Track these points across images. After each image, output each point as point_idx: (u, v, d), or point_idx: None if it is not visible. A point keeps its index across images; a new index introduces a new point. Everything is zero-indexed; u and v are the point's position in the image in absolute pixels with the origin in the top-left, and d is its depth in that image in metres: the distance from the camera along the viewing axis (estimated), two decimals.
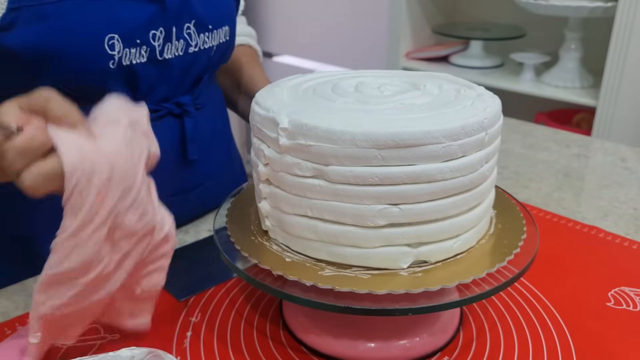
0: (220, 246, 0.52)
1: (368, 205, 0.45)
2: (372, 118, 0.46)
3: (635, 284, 0.63)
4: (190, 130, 0.71)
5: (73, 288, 0.45)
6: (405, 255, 0.47)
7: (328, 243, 0.48)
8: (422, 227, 0.47)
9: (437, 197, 0.46)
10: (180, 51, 0.68)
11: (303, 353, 0.53)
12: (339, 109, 0.48)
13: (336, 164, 0.45)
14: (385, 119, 0.45)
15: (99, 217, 0.43)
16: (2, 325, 0.57)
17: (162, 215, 0.50)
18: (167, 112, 0.69)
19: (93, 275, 0.45)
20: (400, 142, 0.43)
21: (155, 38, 0.64)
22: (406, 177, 0.44)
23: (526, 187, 0.88)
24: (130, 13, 0.62)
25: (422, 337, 0.53)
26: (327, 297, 0.46)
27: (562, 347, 0.54)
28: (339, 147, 0.44)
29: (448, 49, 2.01)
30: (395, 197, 0.45)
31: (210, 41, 0.71)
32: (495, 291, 0.47)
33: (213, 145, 0.77)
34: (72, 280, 0.45)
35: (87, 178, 0.42)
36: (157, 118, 0.68)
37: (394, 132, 0.43)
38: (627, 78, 1.51)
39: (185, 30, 0.67)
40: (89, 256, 0.44)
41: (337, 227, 0.47)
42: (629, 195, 0.85)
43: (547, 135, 1.10)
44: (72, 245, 0.43)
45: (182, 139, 0.71)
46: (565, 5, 1.58)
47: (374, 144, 0.43)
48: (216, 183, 0.78)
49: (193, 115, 0.71)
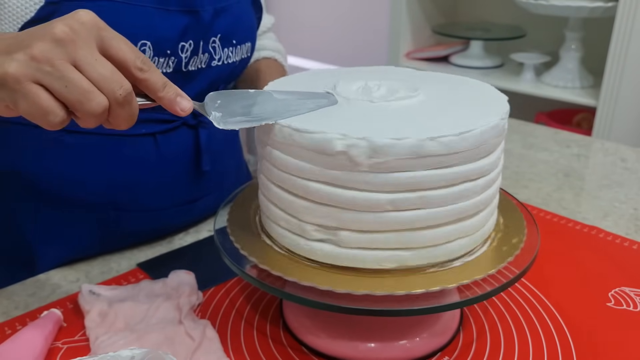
0: (220, 246, 0.52)
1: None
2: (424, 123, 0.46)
3: (636, 284, 0.63)
4: (205, 141, 0.71)
5: None
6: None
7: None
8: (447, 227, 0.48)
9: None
10: (203, 64, 0.68)
11: (303, 353, 0.53)
12: (381, 116, 0.48)
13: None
14: (433, 123, 0.45)
15: None
16: (2, 325, 0.57)
17: None
18: (182, 123, 0.69)
19: None
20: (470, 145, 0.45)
21: (184, 50, 0.65)
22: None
23: (526, 187, 0.88)
24: (165, 23, 0.62)
25: (422, 338, 0.53)
26: (327, 297, 0.46)
27: (563, 348, 0.54)
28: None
29: (448, 49, 2.01)
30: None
31: (233, 56, 0.72)
32: (495, 292, 0.47)
33: (224, 155, 0.77)
34: None
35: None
36: (172, 129, 0.68)
37: (467, 135, 0.44)
38: (628, 78, 1.51)
39: (210, 43, 0.68)
40: None
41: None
42: (629, 195, 0.85)
43: (547, 135, 1.10)
44: None
45: (196, 149, 0.71)
46: (566, 5, 1.58)
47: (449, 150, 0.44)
48: (224, 191, 0.78)
49: (208, 126, 0.71)
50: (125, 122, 0.43)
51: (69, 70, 0.39)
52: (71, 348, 0.54)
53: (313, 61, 2.66)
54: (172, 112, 0.45)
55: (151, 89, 0.44)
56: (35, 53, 0.39)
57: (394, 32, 2.00)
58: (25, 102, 0.39)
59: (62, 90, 0.39)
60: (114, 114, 0.42)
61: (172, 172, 0.69)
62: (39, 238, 0.67)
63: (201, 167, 0.71)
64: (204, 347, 0.52)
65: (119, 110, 0.42)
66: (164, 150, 0.68)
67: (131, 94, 0.42)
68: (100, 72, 0.40)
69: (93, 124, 0.42)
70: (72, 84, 0.39)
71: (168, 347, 0.51)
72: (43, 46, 0.39)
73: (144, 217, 0.70)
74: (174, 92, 0.45)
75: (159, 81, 0.44)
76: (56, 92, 0.39)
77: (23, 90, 0.39)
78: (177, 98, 0.45)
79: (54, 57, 0.39)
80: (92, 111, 0.40)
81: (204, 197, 0.75)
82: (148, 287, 0.59)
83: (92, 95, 0.40)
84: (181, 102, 0.45)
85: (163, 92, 0.44)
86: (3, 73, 0.39)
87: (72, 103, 0.40)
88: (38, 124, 0.41)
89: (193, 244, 0.72)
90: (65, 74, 0.39)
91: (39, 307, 0.60)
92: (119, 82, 0.41)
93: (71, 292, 0.62)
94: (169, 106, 0.45)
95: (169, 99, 0.44)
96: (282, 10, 2.63)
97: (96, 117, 0.41)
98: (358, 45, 2.48)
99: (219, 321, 0.57)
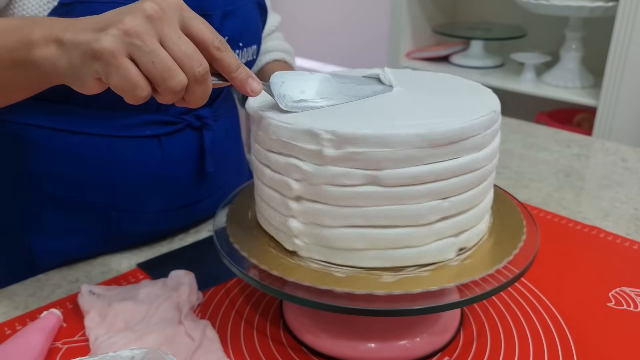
0: (219, 246, 0.52)
1: (422, 204, 0.46)
2: (414, 118, 0.46)
3: (636, 284, 0.63)
4: (209, 143, 0.71)
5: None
6: (452, 245, 0.49)
7: (382, 249, 0.47)
8: (464, 215, 0.49)
9: (474, 186, 0.48)
10: None
11: (303, 353, 0.53)
12: (370, 112, 0.48)
13: (391, 167, 0.44)
14: (429, 118, 0.46)
15: None
16: (2, 325, 0.57)
17: None
18: (187, 125, 0.69)
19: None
20: (452, 138, 0.45)
21: None
22: (455, 170, 0.46)
23: (527, 187, 0.88)
24: None
25: (422, 337, 0.53)
26: (327, 297, 0.46)
27: (563, 348, 0.54)
28: (393, 150, 0.44)
29: (448, 48, 2.01)
30: (444, 191, 0.46)
31: (240, 59, 0.72)
32: (495, 291, 0.47)
33: (228, 157, 0.77)
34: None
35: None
36: (177, 131, 0.68)
37: (446, 130, 0.44)
38: (628, 78, 1.50)
39: None
40: None
41: (390, 231, 0.47)
42: (629, 195, 0.85)
43: (547, 135, 1.10)
44: None
45: (200, 151, 0.71)
46: (566, 5, 1.58)
47: (430, 143, 0.44)
48: (225, 192, 0.78)
49: (212, 128, 0.71)
50: (199, 100, 0.45)
51: (157, 46, 0.41)
52: (71, 348, 0.54)
53: (313, 61, 2.66)
54: (243, 92, 0.47)
55: (226, 69, 0.46)
56: (128, 28, 0.41)
57: (394, 32, 2.00)
58: (117, 75, 0.41)
59: (149, 66, 0.41)
60: (191, 91, 0.44)
61: (175, 173, 0.69)
62: (39, 238, 0.67)
63: (205, 169, 0.71)
64: (204, 347, 0.52)
65: (196, 88, 0.44)
66: (168, 152, 0.68)
67: (208, 72, 0.44)
68: (183, 50, 0.42)
69: (170, 100, 0.44)
70: (159, 59, 0.41)
71: (168, 347, 0.51)
72: (134, 21, 0.41)
73: (146, 219, 0.70)
74: (246, 73, 0.47)
75: (234, 62, 0.46)
76: (143, 67, 0.41)
77: (117, 63, 0.41)
78: (248, 79, 0.47)
79: (145, 33, 0.41)
80: (172, 87, 0.42)
81: (206, 198, 0.74)
82: (148, 287, 0.59)
83: (174, 73, 0.42)
84: (252, 84, 0.47)
85: (236, 72, 0.46)
86: (100, 47, 0.41)
87: (156, 79, 0.42)
88: (124, 97, 0.43)
89: (193, 244, 0.72)
90: (154, 49, 0.41)
91: (39, 307, 0.60)
92: (198, 60, 0.43)
93: (71, 292, 0.62)
94: (240, 86, 0.46)
95: (241, 80, 0.46)
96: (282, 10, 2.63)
97: (175, 94, 0.43)
98: (358, 46, 2.48)
99: (219, 321, 0.57)
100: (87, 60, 0.42)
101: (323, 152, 0.44)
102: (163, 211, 0.71)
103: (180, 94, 0.43)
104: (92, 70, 0.42)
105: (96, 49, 0.41)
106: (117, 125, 0.64)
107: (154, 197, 0.69)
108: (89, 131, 0.64)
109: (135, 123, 0.65)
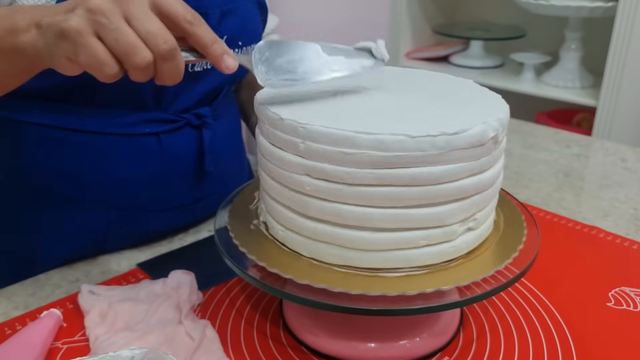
0: (220, 245, 0.52)
1: (444, 206, 0.46)
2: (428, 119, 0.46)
3: (636, 284, 0.63)
4: (208, 142, 0.71)
5: None
6: (452, 246, 0.49)
7: (382, 250, 0.47)
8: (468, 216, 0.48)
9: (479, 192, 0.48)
10: (208, 65, 0.68)
11: (303, 353, 0.53)
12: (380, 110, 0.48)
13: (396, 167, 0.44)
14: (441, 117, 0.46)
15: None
16: (2, 325, 0.57)
17: None
18: (186, 123, 0.69)
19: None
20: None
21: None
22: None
23: (526, 187, 0.88)
24: None
25: (422, 338, 0.53)
26: (326, 296, 0.45)
27: (563, 348, 0.54)
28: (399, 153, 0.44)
29: (448, 48, 2.01)
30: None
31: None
32: (495, 291, 0.47)
33: (227, 155, 0.77)
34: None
35: None
36: (176, 129, 0.68)
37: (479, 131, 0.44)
38: (628, 78, 1.51)
39: None
40: None
41: (391, 234, 0.47)
42: (629, 195, 0.85)
43: (547, 135, 1.10)
44: None
45: (200, 150, 0.71)
46: (566, 5, 1.58)
47: (439, 148, 0.44)
48: (226, 192, 0.78)
49: (211, 127, 0.71)
50: (170, 79, 0.45)
51: (122, 23, 0.42)
52: (71, 348, 0.54)
53: None
54: (218, 68, 0.46)
55: (200, 44, 0.45)
56: (93, 6, 0.42)
57: (394, 32, 2.01)
58: (84, 53, 0.42)
59: (112, 43, 0.42)
60: (159, 68, 0.44)
61: (175, 172, 0.69)
62: (39, 238, 0.67)
63: (204, 167, 0.71)
64: (204, 347, 0.52)
65: (163, 65, 0.44)
66: (168, 150, 0.68)
67: (176, 49, 0.43)
68: (147, 28, 0.42)
69: (140, 77, 0.44)
70: (122, 36, 0.42)
71: (168, 347, 0.51)
72: (100, 0, 0.42)
73: (146, 218, 0.70)
74: (221, 49, 0.46)
75: (208, 36, 0.45)
76: (108, 45, 0.42)
77: (83, 42, 0.42)
78: (223, 55, 0.46)
79: (109, 10, 0.42)
80: (136, 64, 0.42)
81: (206, 197, 0.74)
82: (148, 287, 0.59)
83: (138, 50, 0.42)
84: (227, 60, 0.46)
85: (212, 47, 0.46)
86: (67, 26, 0.42)
87: (120, 55, 0.42)
88: (95, 75, 0.43)
89: (193, 244, 0.72)
90: (118, 27, 0.41)
91: (38, 307, 0.60)
92: (163, 37, 0.43)
93: (71, 292, 0.62)
94: (215, 62, 0.46)
95: (216, 56, 0.46)
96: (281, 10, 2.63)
97: (142, 71, 0.43)
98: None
99: (219, 321, 0.57)
100: (57, 40, 0.43)
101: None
102: (163, 210, 0.71)
103: (147, 71, 0.43)
104: (62, 49, 0.43)
105: (64, 28, 0.42)
106: (116, 123, 0.64)
107: (153, 196, 0.69)
108: (88, 129, 0.64)
109: (134, 121, 0.65)
